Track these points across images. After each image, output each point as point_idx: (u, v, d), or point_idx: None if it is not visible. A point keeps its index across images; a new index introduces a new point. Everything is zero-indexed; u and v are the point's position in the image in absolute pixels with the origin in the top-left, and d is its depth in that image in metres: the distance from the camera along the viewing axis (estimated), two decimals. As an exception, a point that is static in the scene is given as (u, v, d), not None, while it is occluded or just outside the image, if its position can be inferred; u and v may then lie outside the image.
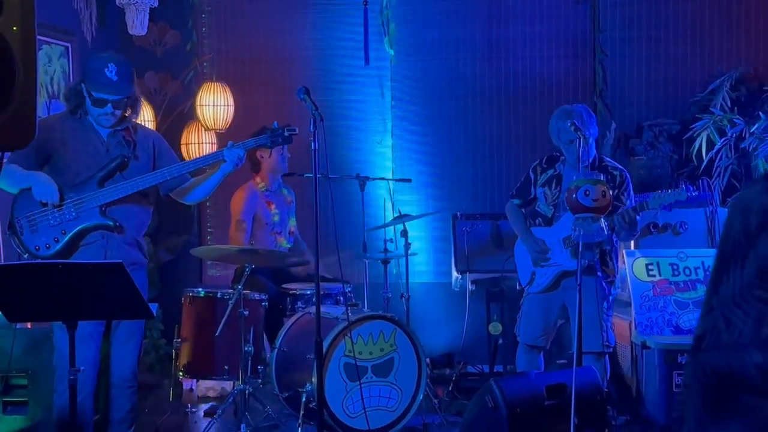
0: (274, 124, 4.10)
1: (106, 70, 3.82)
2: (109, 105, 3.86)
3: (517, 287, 5.03)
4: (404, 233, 5.43)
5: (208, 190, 4.15)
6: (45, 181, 3.78)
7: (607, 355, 4.63)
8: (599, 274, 4.56)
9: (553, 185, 4.69)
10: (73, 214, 3.81)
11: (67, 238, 3.80)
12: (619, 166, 4.74)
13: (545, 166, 4.76)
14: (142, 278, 4.07)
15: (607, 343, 4.58)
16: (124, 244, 3.95)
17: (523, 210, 4.88)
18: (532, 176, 4.80)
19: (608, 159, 4.41)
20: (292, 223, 5.86)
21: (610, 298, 4.66)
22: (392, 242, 5.61)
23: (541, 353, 4.84)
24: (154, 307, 3.69)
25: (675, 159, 6.22)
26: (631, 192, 4.65)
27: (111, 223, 3.86)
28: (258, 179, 5.72)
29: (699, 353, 1.33)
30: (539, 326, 4.74)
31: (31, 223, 3.79)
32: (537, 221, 4.77)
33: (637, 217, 4.47)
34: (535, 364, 4.79)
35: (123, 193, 3.85)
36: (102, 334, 3.95)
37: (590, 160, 4.59)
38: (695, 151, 5.86)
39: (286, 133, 4.06)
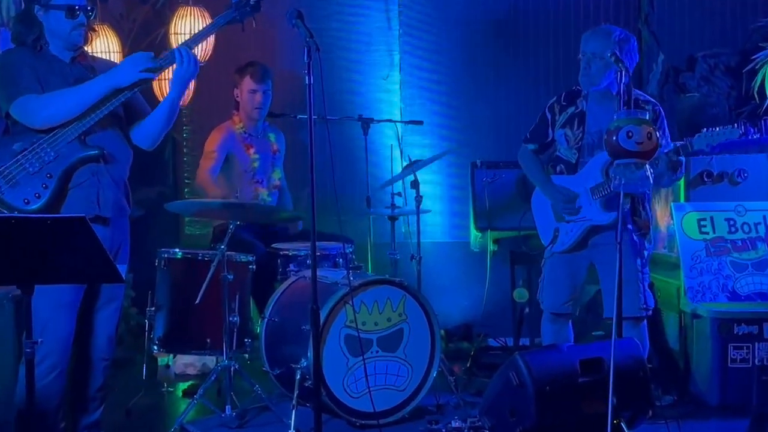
0: None
1: None
2: (81, 14, 3.93)
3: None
4: (415, 185, 5.42)
5: (172, 108, 4.08)
6: None
7: (645, 320, 4.64)
8: (630, 227, 4.55)
9: (576, 125, 4.66)
10: (51, 154, 3.84)
11: (55, 182, 3.84)
12: (651, 99, 4.70)
13: (564, 103, 4.73)
14: (127, 231, 4.15)
15: (644, 306, 4.59)
16: (114, 184, 4.00)
17: (539, 157, 4.86)
18: (548, 116, 4.77)
19: (636, 91, 4.37)
20: (277, 176, 5.85)
21: (645, 253, 4.66)
22: (401, 195, 5.60)
23: (570, 322, 4.86)
24: (122, 270, 3.70)
25: (733, 96, 6.17)
26: (667, 130, 4.62)
27: (96, 152, 3.90)
28: (236, 119, 5.74)
29: None
30: (565, 291, 4.75)
31: (7, 178, 3.80)
32: (558, 169, 4.75)
33: (681, 158, 4.46)
34: (563, 334, 4.81)
35: (99, 114, 3.88)
36: (81, 302, 3.99)
37: (605, 84, 4.56)
38: (757, 87, 5.81)
39: (252, 1, 4.03)
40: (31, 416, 3.37)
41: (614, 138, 3.81)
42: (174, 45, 6.06)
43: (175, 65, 3.96)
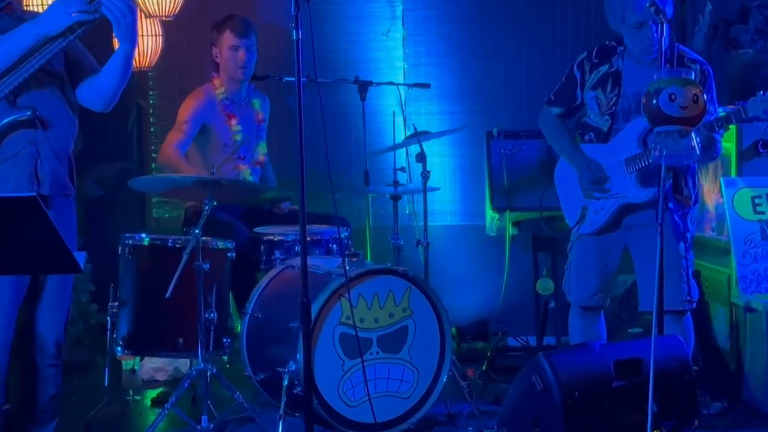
0: None
1: None
2: None
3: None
4: (421, 158, 5.41)
5: (127, 61, 4.03)
6: None
7: (689, 314, 4.64)
8: (671, 205, 4.54)
9: (609, 87, 4.65)
10: None
11: None
12: (699, 58, 4.68)
13: (596, 60, 4.71)
14: (73, 215, 4.10)
15: (688, 298, 4.60)
16: (55, 156, 3.95)
17: (566, 122, 4.85)
18: (577, 75, 4.75)
19: (682, 47, 4.34)
20: (262, 150, 5.84)
21: (688, 235, 4.66)
22: (405, 171, 5.60)
23: (601, 316, 4.87)
24: (80, 259, 3.69)
25: (794, 53, 6.17)
26: (715, 95, 4.61)
27: (28, 114, 3.84)
28: (217, 82, 5.71)
29: None
30: (594, 280, 4.76)
31: None
32: (587, 137, 4.75)
33: (717, 135, 4.44)
34: (593, 330, 4.83)
35: (29, 69, 3.81)
36: (23, 300, 3.98)
37: (663, 51, 4.54)
38: (822, 42, 5.81)
39: None
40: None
41: (654, 101, 3.79)
42: (138, -5, 6.06)
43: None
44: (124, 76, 4.05)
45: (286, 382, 4.55)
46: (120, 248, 4.91)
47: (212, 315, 4.74)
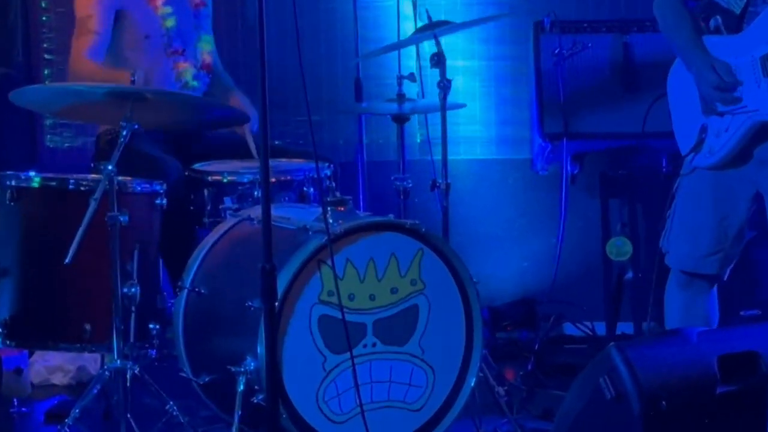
0: None
1: None
2: None
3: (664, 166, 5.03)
4: (437, 60, 5.42)
5: None
6: None
7: None
8: None
9: None
10: None
11: None
12: None
13: None
14: None
15: None
16: None
17: (689, 5, 4.84)
18: None
19: None
20: (207, 46, 5.85)
21: None
22: (414, 80, 5.61)
23: (714, 290, 4.90)
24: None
25: None
26: None
27: None
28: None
29: None
30: (706, 234, 4.76)
31: None
32: (712, 24, 4.74)
33: None
34: (699, 308, 4.86)
35: None
36: None
37: None
38: None
39: None
40: None
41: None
42: None
43: None
44: None
45: (241, 387, 4.58)
46: (-1, 192, 4.95)
47: (133, 290, 4.77)
